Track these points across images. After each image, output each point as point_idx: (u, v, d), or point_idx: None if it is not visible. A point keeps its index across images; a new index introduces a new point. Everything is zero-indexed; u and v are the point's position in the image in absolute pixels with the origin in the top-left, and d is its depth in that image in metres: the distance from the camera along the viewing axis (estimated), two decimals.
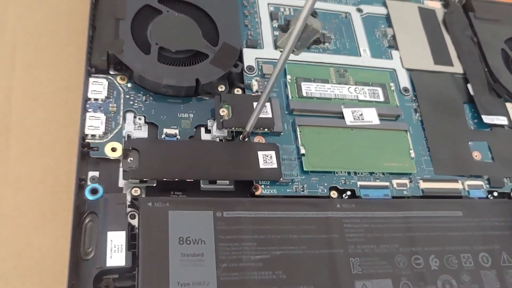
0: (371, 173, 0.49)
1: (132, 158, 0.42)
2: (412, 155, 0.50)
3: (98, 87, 0.46)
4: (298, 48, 0.37)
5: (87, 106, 0.45)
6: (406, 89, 0.56)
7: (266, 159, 0.45)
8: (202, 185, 0.45)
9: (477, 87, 0.58)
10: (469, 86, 0.58)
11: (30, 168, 0.45)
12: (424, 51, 0.59)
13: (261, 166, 0.45)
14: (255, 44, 0.53)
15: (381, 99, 0.53)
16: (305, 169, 0.46)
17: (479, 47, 0.62)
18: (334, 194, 0.47)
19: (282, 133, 0.48)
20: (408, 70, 0.57)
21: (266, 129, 0.47)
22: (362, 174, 0.48)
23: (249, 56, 0.52)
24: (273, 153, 0.46)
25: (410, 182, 0.50)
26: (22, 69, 0.49)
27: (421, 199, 0.49)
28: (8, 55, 0.49)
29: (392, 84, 0.55)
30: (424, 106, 0.55)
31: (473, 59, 0.60)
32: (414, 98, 0.56)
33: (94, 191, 0.41)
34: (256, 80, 0.50)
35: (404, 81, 0.56)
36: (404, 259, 0.45)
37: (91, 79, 0.46)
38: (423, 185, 0.50)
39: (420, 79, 0.57)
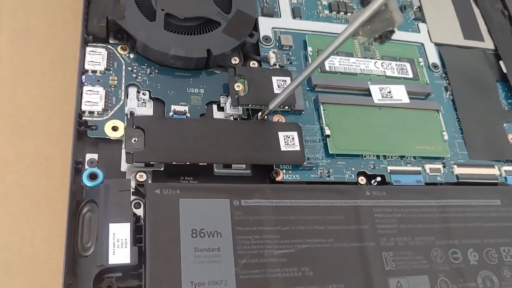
0: (401, 157, 0.44)
1: (136, 139, 0.36)
2: (446, 137, 0.45)
3: (96, 57, 0.40)
4: (364, 34, 0.32)
5: (84, 79, 0.39)
6: (435, 65, 0.51)
7: (288, 141, 0.40)
8: (215, 170, 0.39)
9: (510, 64, 0.53)
10: (501, 63, 0.53)
11: (20, 150, 0.39)
12: (453, 24, 0.54)
13: (282, 148, 0.40)
14: (272, 12, 0.47)
15: (410, 75, 0.48)
16: (330, 152, 0.41)
17: (510, 21, 0.57)
18: (362, 180, 0.42)
19: (304, 112, 0.43)
20: (437, 44, 0.52)
21: (286, 107, 0.42)
22: (392, 158, 0.44)
23: (265, 26, 0.46)
24: (295, 134, 0.40)
25: (444, 167, 0.45)
26: (8, 36, 0.43)
27: (456, 186, 0.44)
28: None
29: (421, 60, 0.49)
30: (455, 84, 0.50)
31: (505, 34, 0.55)
32: (444, 75, 0.51)
33: (93, 176, 0.35)
34: (273, 52, 0.45)
35: (433, 56, 0.51)
36: (441, 253, 0.40)
37: (88, 49, 0.40)
38: (457, 170, 0.45)
39: (449, 55, 0.52)
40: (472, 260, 0.41)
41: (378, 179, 0.42)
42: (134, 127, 0.37)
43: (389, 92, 0.46)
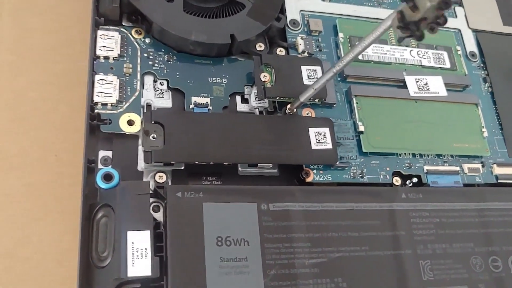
0: (438, 156, 0.41)
1: (155, 135, 0.33)
2: (485, 134, 0.42)
3: (109, 42, 0.36)
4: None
5: (95, 66, 0.35)
6: (473, 54, 0.47)
7: (319, 138, 0.36)
8: (240, 169, 0.36)
9: None
10: None
11: (23, 143, 0.36)
12: (492, 9, 0.50)
13: (313, 146, 0.36)
14: None
15: (447, 65, 0.44)
16: (364, 150, 0.38)
17: None
18: (397, 181, 0.39)
19: (335, 105, 0.39)
20: (475, 31, 0.48)
21: (316, 100, 0.38)
22: (428, 156, 0.40)
23: (293, 8, 0.42)
24: (327, 130, 0.37)
25: (483, 166, 0.42)
26: (10, 15, 0.39)
27: (496, 188, 0.41)
28: None
29: (458, 48, 0.46)
30: (494, 75, 0.46)
31: None
32: (482, 65, 0.47)
33: (107, 178, 0.32)
34: (302, 38, 0.41)
35: (470, 44, 0.47)
36: (480, 261, 0.37)
37: (99, 32, 0.36)
38: (497, 170, 0.42)
39: (488, 42, 0.48)
40: None
41: (414, 180, 0.39)
42: (153, 122, 0.33)
43: (426, 84, 0.42)
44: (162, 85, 0.37)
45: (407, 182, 0.39)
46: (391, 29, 0.43)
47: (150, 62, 0.37)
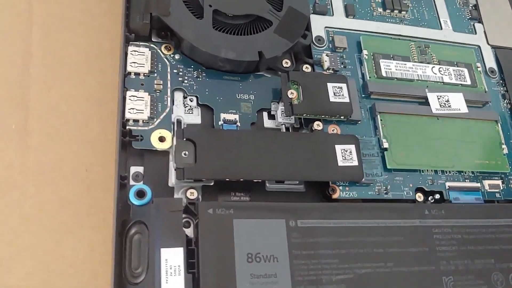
0: (460, 172, 0.41)
1: (187, 152, 0.33)
2: (505, 150, 0.43)
3: (139, 58, 0.37)
4: None
5: (126, 82, 0.36)
6: (492, 70, 0.47)
7: (345, 155, 0.37)
8: (267, 185, 0.37)
9: None
10: None
11: (55, 158, 0.36)
12: (510, 25, 0.51)
13: (340, 163, 0.37)
14: (324, 10, 0.44)
15: (468, 82, 0.45)
16: (388, 166, 0.38)
17: None
18: (420, 197, 0.39)
19: (360, 122, 0.40)
20: (494, 47, 0.49)
21: (342, 117, 0.39)
22: (450, 173, 0.41)
23: (318, 25, 0.43)
24: (353, 147, 0.37)
25: (503, 183, 0.42)
26: (41, 30, 0.39)
27: None
28: (23, 11, 0.40)
29: (478, 64, 0.46)
30: None
31: None
32: (501, 82, 0.47)
33: (140, 194, 0.32)
34: (327, 55, 0.41)
35: (490, 60, 0.48)
36: (501, 277, 0.38)
37: (129, 48, 0.37)
38: None
39: (507, 59, 0.48)
40: None
41: (437, 196, 0.39)
42: (185, 139, 0.34)
43: (447, 100, 0.43)
44: (191, 101, 0.37)
45: (430, 198, 0.40)
46: (413, 46, 0.44)
47: (180, 79, 0.38)
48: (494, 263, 0.38)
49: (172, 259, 0.31)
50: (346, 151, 0.37)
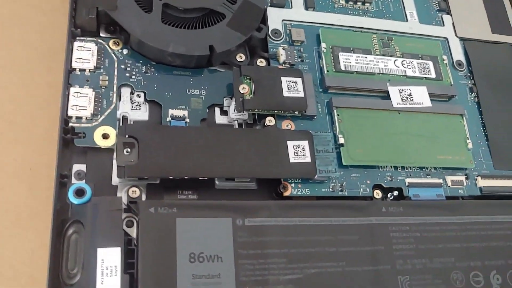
0: (421, 168, 0.40)
1: (129, 150, 0.33)
2: (470, 145, 0.41)
3: (85, 53, 0.36)
4: None
5: (71, 78, 0.35)
6: (460, 63, 0.46)
7: (298, 151, 0.36)
8: (217, 182, 0.36)
9: None
10: None
11: (0, 157, 0.35)
12: (480, 17, 0.49)
13: (291, 160, 0.36)
14: (282, 2, 0.42)
15: (433, 75, 0.44)
16: (344, 163, 0.37)
17: None
18: (378, 194, 0.38)
19: (315, 117, 0.39)
20: (462, 39, 0.47)
21: (296, 112, 0.38)
22: (411, 169, 0.40)
23: (275, 18, 0.42)
24: (306, 143, 0.36)
25: (467, 179, 0.41)
26: None
27: (479, 201, 0.41)
28: None
29: (444, 57, 0.45)
30: (481, 85, 0.45)
31: None
32: (469, 75, 0.46)
33: (79, 193, 0.32)
34: (283, 49, 0.40)
35: (457, 53, 0.46)
36: (461, 276, 0.37)
37: (75, 44, 0.36)
38: (481, 182, 0.41)
39: (476, 51, 0.47)
40: (495, 284, 0.37)
41: (395, 193, 0.38)
42: (127, 136, 0.33)
43: (410, 94, 0.41)
44: (139, 97, 0.36)
45: (388, 195, 0.38)
46: (375, 38, 0.43)
47: (127, 74, 0.37)
48: (454, 262, 0.37)
49: (109, 259, 0.30)
50: (299, 147, 0.36)
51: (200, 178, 0.34)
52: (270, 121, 0.37)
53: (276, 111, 0.37)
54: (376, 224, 0.36)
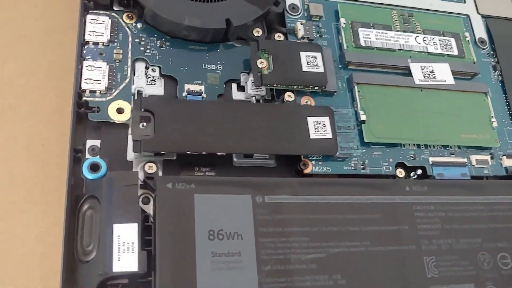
0: (445, 147, 0.39)
1: (145, 124, 0.31)
2: (495, 124, 0.40)
3: (99, 27, 0.35)
4: None
5: (84, 52, 0.34)
6: (482, 41, 0.45)
7: (318, 127, 0.35)
8: (235, 159, 0.34)
9: None
10: None
11: (11, 132, 0.34)
12: None
13: (312, 136, 0.34)
14: None
15: (455, 52, 0.42)
16: (366, 140, 0.36)
17: None
18: (401, 172, 0.37)
19: (336, 93, 0.37)
20: (484, 17, 0.46)
21: (316, 88, 0.36)
22: (434, 147, 0.38)
23: None
24: (326, 119, 0.35)
25: (492, 158, 0.40)
26: None
27: (505, 181, 0.39)
28: None
29: (467, 34, 0.43)
30: (504, 63, 0.44)
31: None
32: (492, 53, 0.45)
33: (94, 168, 0.30)
34: (301, 23, 0.39)
35: (479, 30, 0.45)
36: (488, 258, 0.35)
37: (88, 17, 0.35)
38: (507, 162, 0.40)
39: (499, 29, 0.46)
40: None
41: (419, 172, 0.37)
42: (142, 110, 0.32)
43: (432, 71, 0.40)
44: (154, 71, 0.35)
45: (411, 174, 0.37)
46: (395, 14, 0.41)
47: (141, 48, 0.35)
48: (481, 243, 0.36)
49: (126, 235, 0.29)
50: (319, 123, 0.35)
51: (218, 154, 0.33)
52: (289, 96, 0.36)
53: (295, 87, 0.36)
54: (400, 203, 0.35)
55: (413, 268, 0.33)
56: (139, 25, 0.36)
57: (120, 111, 0.33)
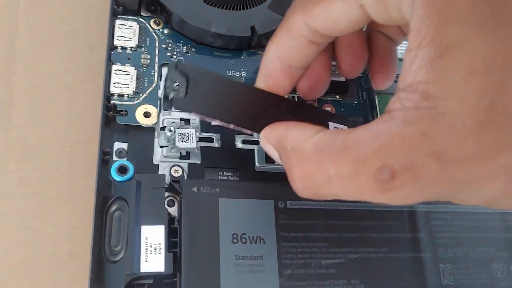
0: None
1: (178, 83, 0.29)
2: None
3: (127, 32, 0.36)
4: None
5: (113, 56, 0.35)
6: None
7: None
8: (257, 164, 0.35)
9: None
10: None
11: (39, 133, 0.35)
12: None
13: None
14: None
15: None
16: None
17: None
18: None
19: (356, 102, 0.38)
20: None
21: (337, 96, 0.37)
22: None
23: None
24: (346, 128, 0.36)
25: None
26: (27, 3, 0.38)
27: None
28: None
29: None
30: None
31: None
32: None
33: (122, 170, 0.31)
34: None
35: None
36: (502, 267, 0.36)
37: (117, 21, 0.36)
38: None
39: None
40: None
41: None
42: (178, 73, 0.30)
43: None
44: None
45: None
46: None
47: (168, 54, 0.36)
48: (495, 252, 0.37)
49: (153, 237, 0.29)
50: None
51: (242, 158, 0.34)
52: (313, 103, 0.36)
53: None
54: (418, 211, 0.36)
55: (429, 275, 0.34)
56: (166, 31, 0.37)
57: (147, 115, 0.33)
